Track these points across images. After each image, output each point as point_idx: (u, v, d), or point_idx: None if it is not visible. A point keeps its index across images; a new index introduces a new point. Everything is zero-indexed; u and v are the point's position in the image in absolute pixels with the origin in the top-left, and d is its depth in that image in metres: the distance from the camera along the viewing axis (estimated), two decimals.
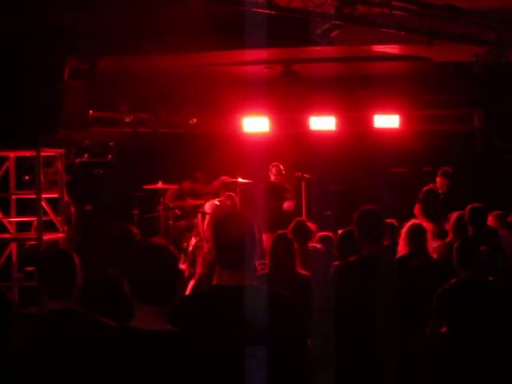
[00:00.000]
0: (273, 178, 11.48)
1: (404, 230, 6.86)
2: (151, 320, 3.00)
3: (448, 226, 7.69)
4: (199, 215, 11.08)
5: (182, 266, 10.39)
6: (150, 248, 3.12)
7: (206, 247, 10.56)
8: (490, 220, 8.15)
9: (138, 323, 3.00)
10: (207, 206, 11.11)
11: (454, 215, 7.60)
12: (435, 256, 7.06)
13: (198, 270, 9.05)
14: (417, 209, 10.76)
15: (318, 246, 7.49)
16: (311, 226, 7.29)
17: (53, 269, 3.87)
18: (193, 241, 11.13)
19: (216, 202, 11.11)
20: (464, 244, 5.64)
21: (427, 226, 10.21)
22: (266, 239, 9.69)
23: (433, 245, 7.24)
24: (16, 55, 9.42)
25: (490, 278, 5.73)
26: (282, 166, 11.45)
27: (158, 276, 3.01)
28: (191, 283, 7.61)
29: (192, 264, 10.27)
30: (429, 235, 6.98)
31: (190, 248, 11.03)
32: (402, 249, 6.79)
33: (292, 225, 7.04)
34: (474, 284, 5.49)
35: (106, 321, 3.68)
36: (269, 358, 3.09)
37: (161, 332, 2.99)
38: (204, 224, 10.90)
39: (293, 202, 11.30)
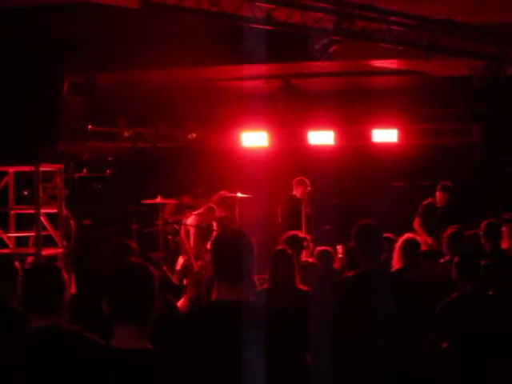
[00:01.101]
0: (298, 191, 11.44)
1: (398, 244, 6.85)
2: (130, 339, 2.97)
3: (443, 245, 7.61)
4: (182, 231, 11.02)
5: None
6: (127, 267, 3.11)
7: (196, 266, 10.48)
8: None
9: (117, 342, 2.98)
10: (189, 221, 11.07)
11: (447, 232, 7.50)
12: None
13: (188, 290, 9.02)
14: (416, 223, 10.76)
15: (311, 260, 7.46)
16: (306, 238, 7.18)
17: (38, 284, 3.76)
18: (180, 260, 11.05)
19: (194, 214, 11.06)
20: (464, 259, 5.64)
21: (427, 240, 10.30)
22: None
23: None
24: (15, 70, 9.44)
25: (491, 293, 5.73)
26: (308, 181, 11.43)
27: (135, 295, 2.99)
28: (181, 303, 7.54)
29: (181, 284, 10.17)
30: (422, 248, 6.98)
31: (178, 267, 10.96)
32: (396, 262, 6.76)
33: (285, 237, 6.99)
34: (474, 298, 5.49)
35: (93, 338, 3.58)
36: (267, 373, 3.08)
37: (139, 351, 2.96)
38: (190, 240, 10.85)
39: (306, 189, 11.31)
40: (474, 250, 7.01)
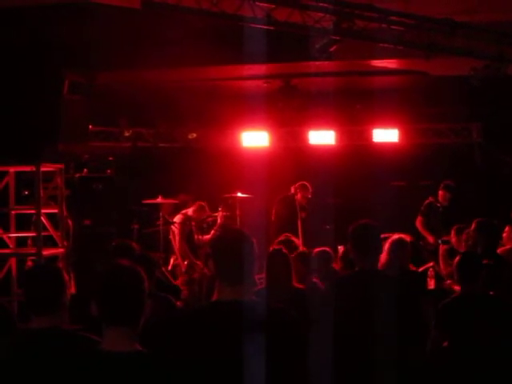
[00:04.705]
0: (299, 195, 11.45)
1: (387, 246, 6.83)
2: (119, 341, 2.96)
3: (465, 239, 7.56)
4: (171, 231, 11.12)
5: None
6: (116, 269, 3.08)
7: (183, 266, 10.57)
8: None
9: (107, 345, 2.97)
10: (176, 219, 11.18)
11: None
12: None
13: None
14: (418, 221, 10.76)
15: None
16: (297, 241, 7.18)
17: (38, 284, 3.73)
18: (171, 261, 11.14)
19: (182, 213, 11.12)
20: (465, 259, 5.64)
21: (429, 238, 10.36)
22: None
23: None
24: (15, 70, 9.44)
25: (492, 293, 5.73)
26: (310, 188, 11.45)
27: (124, 297, 2.97)
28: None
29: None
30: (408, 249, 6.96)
31: (169, 267, 11.04)
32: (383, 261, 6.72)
33: (279, 239, 6.99)
34: (475, 298, 5.49)
35: (92, 339, 3.52)
36: (268, 372, 3.08)
37: (129, 353, 2.94)
38: (176, 240, 10.93)
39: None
40: (474, 250, 7.00)
